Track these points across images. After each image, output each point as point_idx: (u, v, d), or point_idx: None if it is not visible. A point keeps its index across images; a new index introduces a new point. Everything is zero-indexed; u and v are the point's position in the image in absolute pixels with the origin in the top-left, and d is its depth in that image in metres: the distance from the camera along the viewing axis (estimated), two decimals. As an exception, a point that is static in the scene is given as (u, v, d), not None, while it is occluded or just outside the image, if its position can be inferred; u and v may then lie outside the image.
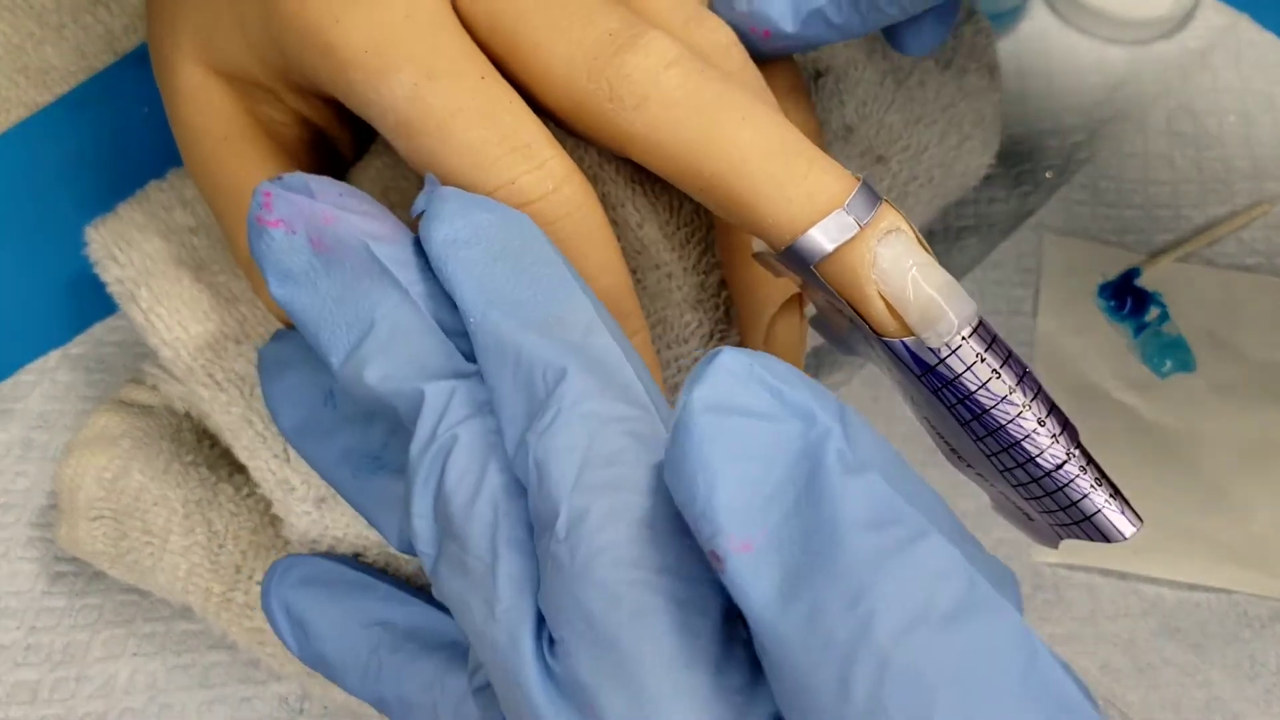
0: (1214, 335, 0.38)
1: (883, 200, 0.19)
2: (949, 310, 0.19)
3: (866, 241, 0.19)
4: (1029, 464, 0.19)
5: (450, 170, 0.21)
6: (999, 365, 0.19)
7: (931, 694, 0.13)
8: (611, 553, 0.16)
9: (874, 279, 0.19)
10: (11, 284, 0.37)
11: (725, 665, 0.16)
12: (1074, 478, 0.19)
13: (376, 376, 0.20)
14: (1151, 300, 0.38)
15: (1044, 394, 0.20)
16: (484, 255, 0.20)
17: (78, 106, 0.39)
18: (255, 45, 0.25)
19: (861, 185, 0.20)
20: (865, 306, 0.19)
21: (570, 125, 0.23)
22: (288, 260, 0.20)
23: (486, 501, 0.18)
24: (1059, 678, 0.14)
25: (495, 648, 0.17)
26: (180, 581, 0.29)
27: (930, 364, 0.19)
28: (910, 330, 0.19)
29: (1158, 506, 0.35)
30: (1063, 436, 0.19)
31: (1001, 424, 0.19)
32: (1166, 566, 0.34)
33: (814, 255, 0.19)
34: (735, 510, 0.15)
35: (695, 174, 0.21)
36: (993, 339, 0.19)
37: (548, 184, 0.21)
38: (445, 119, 0.21)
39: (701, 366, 0.16)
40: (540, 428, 0.17)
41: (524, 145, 0.21)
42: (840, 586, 0.14)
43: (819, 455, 0.15)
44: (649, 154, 0.22)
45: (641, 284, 0.28)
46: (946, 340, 0.19)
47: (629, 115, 0.21)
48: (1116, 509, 0.20)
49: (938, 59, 0.33)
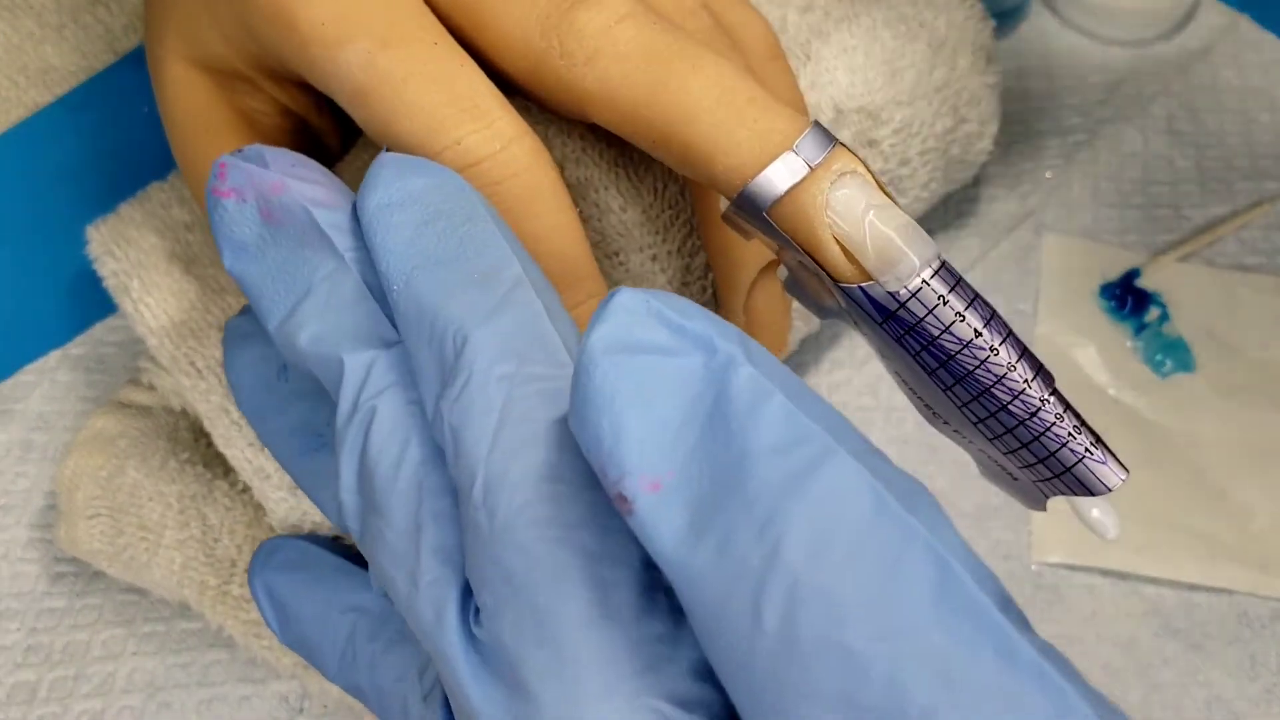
0: (1214, 335, 0.38)
1: (836, 142, 0.19)
2: (908, 251, 0.18)
3: (818, 183, 0.19)
4: (1002, 412, 0.19)
5: (403, 134, 0.22)
6: (964, 308, 0.18)
7: (842, 616, 0.13)
8: (528, 513, 0.16)
9: (828, 222, 0.19)
10: (11, 284, 0.37)
11: (646, 615, 0.16)
12: (1050, 425, 0.19)
13: (307, 341, 0.19)
14: (1152, 300, 0.38)
15: (1015, 337, 0.19)
16: (415, 219, 0.19)
17: (78, 107, 0.39)
18: (229, 35, 0.25)
19: (813, 126, 0.19)
20: (820, 252, 0.19)
21: (532, 92, 0.24)
22: (239, 231, 0.20)
23: (408, 474, 0.18)
24: (971, 591, 0.13)
25: (421, 621, 0.17)
26: (175, 575, 0.29)
27: (891, 309, 0.19)
28: (868, 275, 0.19)
29: (1157, 506, 0.35)
30: (1036, 381, 0.19)
31: (969, 369, 0.18)
32: (1166, 566, 0.34)
33: (765, 199, 0.19)
34: (642, 450, 0.14)
35: (648, 125, 0.21)
36: (957, 281, 0.19)
37: (495, 143, 0.21)
38: (398, 84, 0.21)
39: (600, 308, 0.15)
40: (452, 395, 0.17)
41: (473, 106, 0.21)
42: (749, 515, 0.14)
43: (722, 384, 0.15)
44: (603, 110, 0.22)
45: (625, 267, 0.28)
46: (906, 283, 0.18)
47: (581, 70, 0.21)
48: (1099, 458, 0.19)
49: (930, 41, 0.33)
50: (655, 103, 0.21)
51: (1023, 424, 0.19)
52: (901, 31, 0.32)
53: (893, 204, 0.19)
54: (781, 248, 0.20)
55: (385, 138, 0.22)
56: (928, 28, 0.33)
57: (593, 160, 0.28)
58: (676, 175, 0.29)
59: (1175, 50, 0.43)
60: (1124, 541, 0.34)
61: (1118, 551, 0.34)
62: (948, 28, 0.33)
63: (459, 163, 0.21)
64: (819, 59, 0.31)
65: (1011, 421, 0.19)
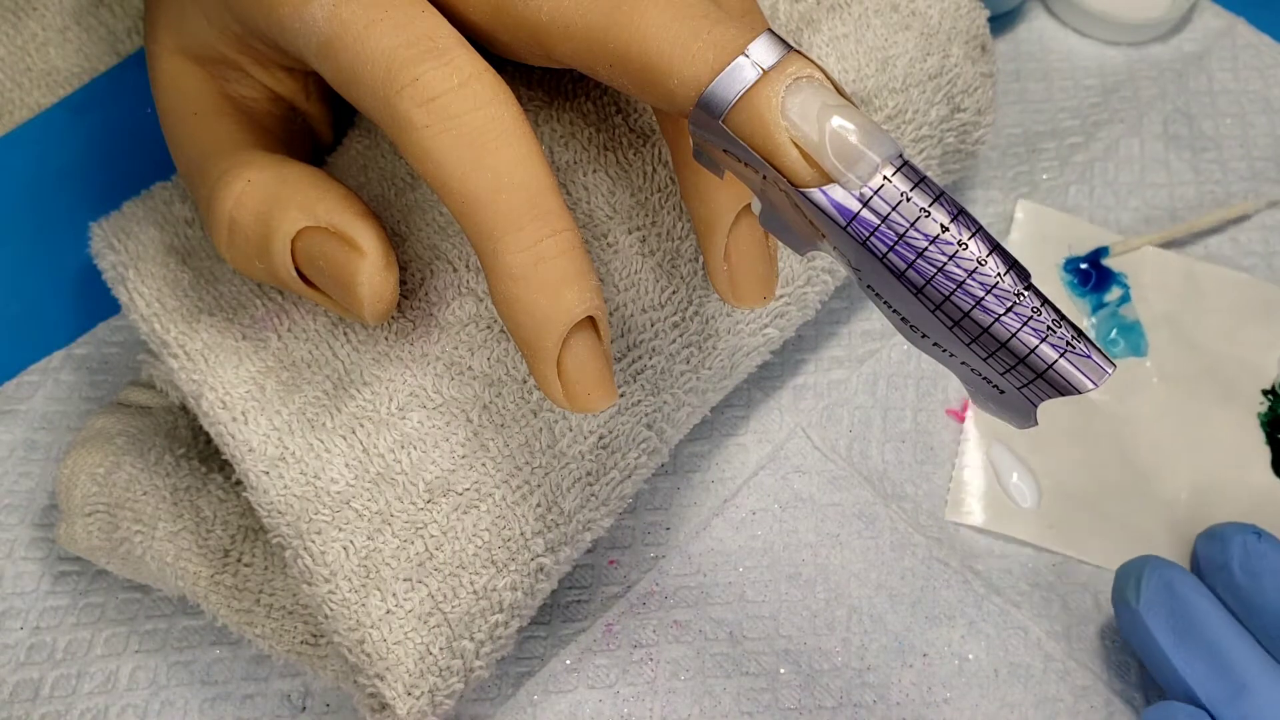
0: (1173, 323, 0.38)
1: (791, 48, 0.19)
2: (866, 150, 0.18)
3: (772, 85, 0.19)
4: (977, 309, 0.18)
5: (366, 79, 0.22)
6: (928, 204, 0.18)
7: None
8: None
9: (784, 125, 0.19)
10: (15, 284, 0.37)
11: None
12: (1028, 319, 0.18)
13: None
14: (1115, 280, 0.38)
15: (985, 232, 0.18)
16: None
17: (81, 108, 0.39)
18: (213, 18, 0.26)
19: (765, 33, 0.19)
20: (778, 157, 0.19)
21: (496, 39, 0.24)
22: None
23: None
24: None
25: None
26: (169, 567, 0.29)
27: (854, 210, 0.18)
28: (828, 176, 0.18)
29: (1079, 485, 0.35)
30: (1010, 275, 0.18)
31: (939, 265, 0.18)
32: (1071, 545, 0.34)
33: (720, 107, 0.19)
34: None
35: (604, 50, 0.21)
36: (920, 178, 0.18)
37: (454, 78, 0.22)
38: (360, 31, 0.22)
39: None
40: None
41: (432, 46, 0.22)
42: None
43: None
44: (560, 41, 0.22)
45: (614, 249, 0.28)
46: (868, 182, 0.18)
47: (537, 3, 0.22)
48: (1081, 352, 0.18)
49: (923, 30, 0.33)
50: (611, 25, 0.21)
51: (999, 320, 0.18)
52: (893, 20, 0.33)
53: (850, 104, 0.19)
54: (747, 166, 0.20)
55: (351, 87, 0.22)
56: (920, 16, 0.33)
57: (581, 143, 0.28)
58: (666, 159, 0.29)
59: (1172, 53, 0.43)
60: (1039, 514, 0.35)
61: (1030, 524, 0.34)
62: (940, 16, 0.33)
63: (419, 98, 0.21)
64: (810, 47, 0.32)
65: (987, 319, 0.18)
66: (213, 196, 0.26)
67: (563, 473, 0.28)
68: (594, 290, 0.22)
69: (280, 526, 0.26)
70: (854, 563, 0.34)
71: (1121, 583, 0.29)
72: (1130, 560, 0.29)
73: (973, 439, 0.36)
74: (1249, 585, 0.28)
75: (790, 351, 0.37)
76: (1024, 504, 0.35)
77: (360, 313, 0.25)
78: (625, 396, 0.29)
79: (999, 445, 0.36)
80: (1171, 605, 0.27)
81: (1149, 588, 0.27)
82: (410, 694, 0.26)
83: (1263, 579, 0.28)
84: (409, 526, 0.26)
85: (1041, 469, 0.35)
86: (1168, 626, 0.27)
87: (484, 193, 0.21)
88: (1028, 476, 0.35)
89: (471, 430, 0.27)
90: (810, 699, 0.32)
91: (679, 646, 0.32)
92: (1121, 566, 0.29)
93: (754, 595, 0.33)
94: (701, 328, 0.30)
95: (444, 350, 0.27)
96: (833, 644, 0.32)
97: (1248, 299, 0.38)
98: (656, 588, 0.33)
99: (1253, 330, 0.38)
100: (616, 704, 0.32)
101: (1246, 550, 0.29)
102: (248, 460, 0.27)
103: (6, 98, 0.39)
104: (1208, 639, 0.26)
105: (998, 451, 0.35)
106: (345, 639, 0.26)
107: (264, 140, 0.28)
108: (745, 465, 0.35)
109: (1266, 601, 0.28)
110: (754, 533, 0.34)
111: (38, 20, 0.39)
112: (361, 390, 0.27)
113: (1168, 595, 0.27)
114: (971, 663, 0.32)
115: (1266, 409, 0.36)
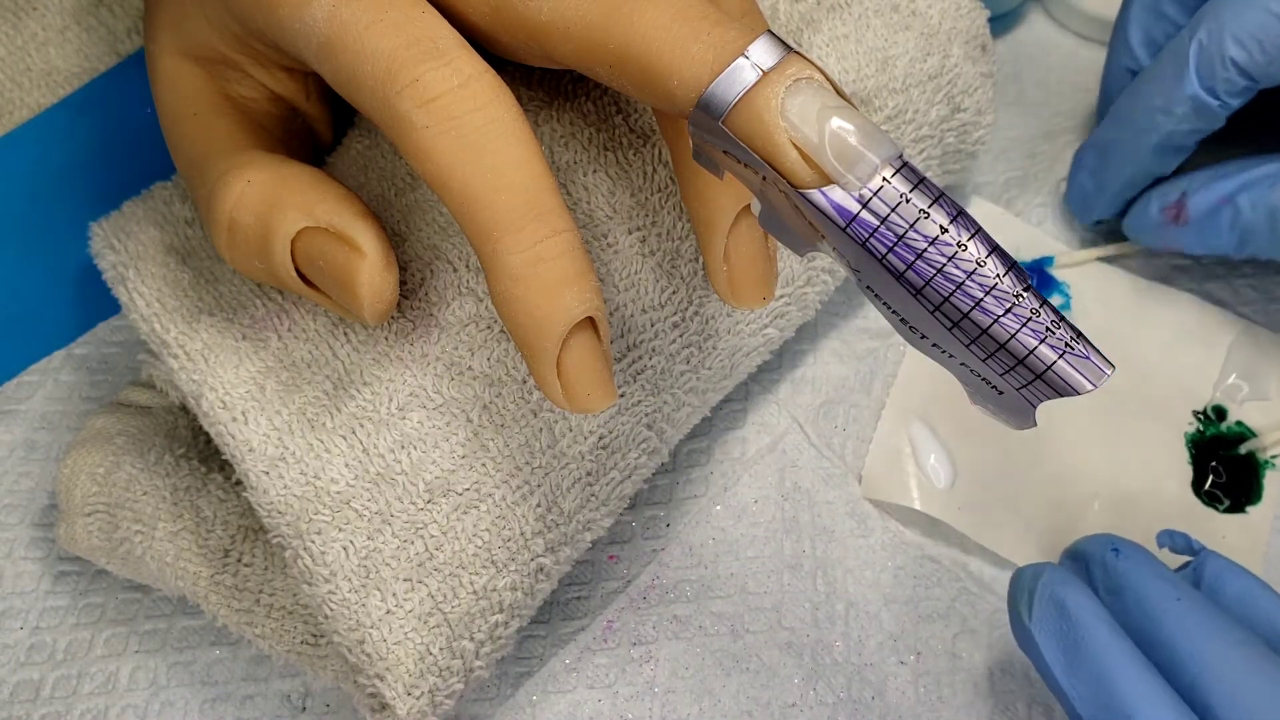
0: (1112, 337, 0.37)
1: (791, 49, 0.19)
2: (866, 151, 0.18)
3: (771, 86, 0.19)
4: (976, 310, 0.18)
5: (366, 80, 0.22)
6: (928, 205, 0.18)
7: None
8: None
9: (784, 127, 0.19)
10: (15, 284, 0.37)
11: None
12: (1026, 320, 0.18)
13: None
14: (1057, 288, 0.38)
15: (984, 234, 0.18)
16: None
17: (81, 108, 0.39)
18: (213, 18, 0.26)
19: (765, 34, 0.19)
20: (778, 158, 0.19)
21: (496, 39, 0.24)
22: None
23: None
24: None
25: None
26: (169, 567, 0.29)
27: (853, 212, 0.18)
28: (828, 177, 0.18)
29: (994, 476, 0.35)
30: (1009, 276, 0.18)
31: (937, 268, 0.18)
32: (981, 531, 0.34)
33: (719, 108, 0.19)
34: None
35: (604, 50, 0.21)
36: (920, 180, 0.18)
37: (454, 79, 0.22)
38: (360, 32, 0.22)
39: None
40: None
41: (432, 47, 0.22)
42: None
43: None
44: (559, 42, 0.22)
45: (614, 249, 0.28)
46: (867, 184, 0.18)
47: (537, 4, 0.22)
48: (1080, 352, 0.18)
49: (923, 30, 0.33)
50: (611, 26, 0.21)
51: (998, 321, 0.18)
52: (893, 20, 0.33)
53: (850, 105, 0.19)
54: (746, 167, 0.20)
55: (351, 87, 0.22)
56: (920, 16, 0.33)
57: (581, 144, 0.28)
58: (666, 159, 0.29)
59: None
60: (952, 494, 0.34)
61: (941, 502, 0.34)
62: (940, 17, 0.34)
63: (419, 99, 0.21)
64: (810, 47, 0.32)
65: (986, 320, 0.18)
66: (213, 197, 0.26)
67: (563, 473, 0.28)
68: (594, 291, 0.22)
69: (280, 526, 0.26)
70: (848, 559, 0.34)
71: (1016, 592, 0.28)
72: (1026, 567, 0.28)
73: (891, 416, 0.36)
74: (1113, 605, 0.27)
75: (789, 343, 0.37)
76: (939, 484, 0.35)
77: (360, 313, 0.25)
78: (625, 397, 0.29)
79: (919, 423, 0.35)
80: (1062, 628, 0.26)
81: (1040, 605, 0.27)
82: (410, 694, 0.26)
83: (1124, 597, 0.27)
84: (409, 526, 0.27)
85: (960, 455, 0.35)
86: (1058, 649, 0.26)
87: (484, 193, 0.21)
88: (945, 459, 0.35)
89: (471, 430, 0.27)
90: (811, 695, 0.32)
91: (679, 643, 0.32)
92: (1017, 572, 0.29)
93: (755, 587, 0.33)
94: (701, 328, 0.30)
95: (444, 350, 0.27)
96: (833, 637, 0.33)
97: (1194, 321, 0.38)
98: (657, 582, 0.33)
99: (1193, 352, 0.37)
100: (616, 704, 0.32)
101: (1106, 569, 0.28)
102: (248, 460, 0.27)
103: (6, 98, 0.39)
104: (1095, 667, 0.26)
105: (917, 429, 0.35)
106: (345, 639, 0.26)
107: (264, 140, 0.28)
108: (745, 455, 0.36)
109: (1129, 620, 0.27)
110: (756, 520, 0.34)
111: (38, 20, 0.39)
112: (361, 390, 0.27)
113: (1058, 616, 0.26)
114: (964, 661, 0.32)
115: (1195, 430, 0.36)
